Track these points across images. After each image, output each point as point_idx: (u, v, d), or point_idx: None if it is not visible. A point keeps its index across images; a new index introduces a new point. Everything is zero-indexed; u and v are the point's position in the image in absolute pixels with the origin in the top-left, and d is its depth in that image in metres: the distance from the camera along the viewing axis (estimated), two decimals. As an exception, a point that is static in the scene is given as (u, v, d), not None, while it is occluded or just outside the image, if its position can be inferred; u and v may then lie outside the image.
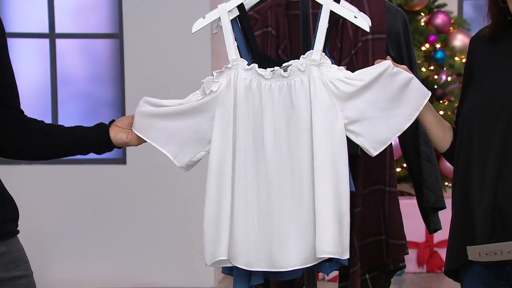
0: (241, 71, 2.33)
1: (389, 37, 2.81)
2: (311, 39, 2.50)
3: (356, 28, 2.75)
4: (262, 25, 2.81)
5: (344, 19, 2.73)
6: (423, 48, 6.77)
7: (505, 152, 2.22)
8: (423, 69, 6.68)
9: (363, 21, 2.33)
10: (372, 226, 2.82)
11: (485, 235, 2.22)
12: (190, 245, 5.78)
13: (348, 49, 2.73)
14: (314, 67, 2.29)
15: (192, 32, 2.40)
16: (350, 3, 2.61)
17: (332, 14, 2.37)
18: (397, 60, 2.81)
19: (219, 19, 2.36)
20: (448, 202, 2.95)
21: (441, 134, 2.40)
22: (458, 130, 2.35)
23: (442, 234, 2.53)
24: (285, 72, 2.30)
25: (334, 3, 2.30)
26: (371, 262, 2.84)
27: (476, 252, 2.20)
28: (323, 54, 2.30)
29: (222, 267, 2.36)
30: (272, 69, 2.32)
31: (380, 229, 2.84)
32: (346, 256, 2.27)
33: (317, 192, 2.24)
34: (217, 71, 2.33)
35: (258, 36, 2.76)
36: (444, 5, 7.10)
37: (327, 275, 4.43)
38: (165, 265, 5.92)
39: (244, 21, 2.42)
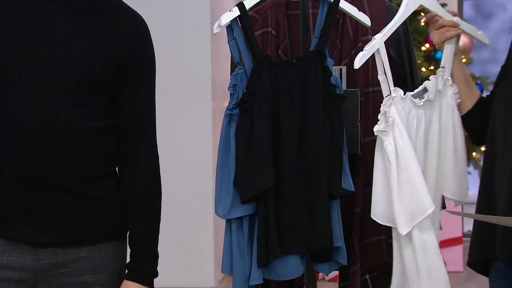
0: (397, 102, 2.44)
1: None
2: (311, 39, 2.50)
3: (356, 28, 2.75)
4: (262, 25, 2.80)
5: (344, 19, 2.74)
6: (423, 48, 6.77)
7: None
8: (423, 69, 6.67)
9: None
10: (372, 226, 2.81)
11: (505, 230, 2.20)
12: (190, 245, 5.78)
13: (348, 49, 2.72)
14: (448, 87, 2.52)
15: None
16: (350, 3, 2.61)
17: (332, 14, 2.38)
18: (397, 60, 2.80)
19: (220, 20, 2.39)
20: (448, 202, 2.96)
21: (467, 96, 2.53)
22: (491, 123, 2.37)
23: (442, 234, 2.53)
24: (431, 95, 2.48)
25: None
26: (371, 262, 2.84)
27: None
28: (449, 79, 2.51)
29: (222, 267, 2.38)
30: (421, 96, 2.47)
31: (380, 229, 2.83)
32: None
33: None
34: (381, 113, 2.45)
35: (258, 36, 2.75)
36: (444, 5, 7.10)
37: (327, 275, 4.44)
38: (165, 265, 5.90)
39: (244, 21, 2.42)
